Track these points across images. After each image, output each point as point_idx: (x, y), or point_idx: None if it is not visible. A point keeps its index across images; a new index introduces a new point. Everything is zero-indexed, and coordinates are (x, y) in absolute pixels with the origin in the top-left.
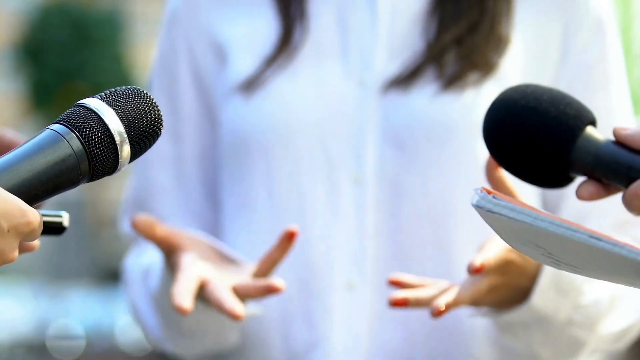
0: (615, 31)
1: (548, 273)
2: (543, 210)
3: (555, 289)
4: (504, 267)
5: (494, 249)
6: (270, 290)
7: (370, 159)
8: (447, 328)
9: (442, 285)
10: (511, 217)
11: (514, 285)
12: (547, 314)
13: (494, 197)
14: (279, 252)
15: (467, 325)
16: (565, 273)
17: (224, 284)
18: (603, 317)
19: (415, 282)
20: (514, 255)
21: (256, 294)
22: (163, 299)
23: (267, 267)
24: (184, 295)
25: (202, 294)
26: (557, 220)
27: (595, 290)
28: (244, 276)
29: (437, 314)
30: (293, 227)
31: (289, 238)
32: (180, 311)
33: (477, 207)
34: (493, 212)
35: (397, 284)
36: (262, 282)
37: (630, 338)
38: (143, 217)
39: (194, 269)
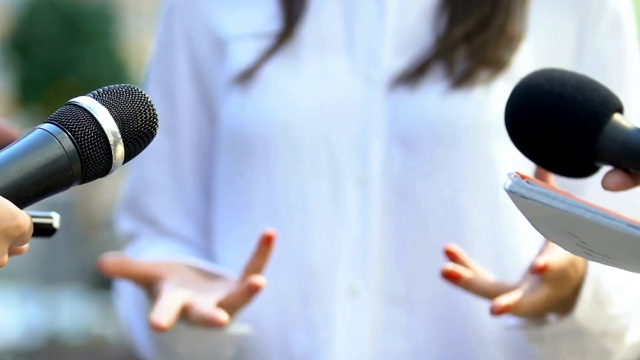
0: (634, 29)
1: (590, 285)
2: (578, 197)
3: (595, 300)
4: (560, 277)
5: (556, 255)
6: (252, 290)
7: (375, 159)
8: (452, 337)
9: (493, 277)
10: (546, 204)
11: (560, 298)
12: (585, 326)
13: (528, 182)
14: (259, 260)
15: (473, 335)
16: (602, 284)
17: (208, 303)
18: (630, 328)
19: (470, 262)
20: (570, 267)
21: (241, 299)
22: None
23: (249, 276)
24: (161, 314)
25: (188, 318)
26: (593, 208)
27: (623, 301)
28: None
29: (497, 312)
30: (269, 230)
31: (265, 243)
32: (157, 328)
33: (510, 192)
34: (526, 198)
35: (452, 256)
36: (241, 286)
37: None
38: (112, 258)
39: (176, 295)
